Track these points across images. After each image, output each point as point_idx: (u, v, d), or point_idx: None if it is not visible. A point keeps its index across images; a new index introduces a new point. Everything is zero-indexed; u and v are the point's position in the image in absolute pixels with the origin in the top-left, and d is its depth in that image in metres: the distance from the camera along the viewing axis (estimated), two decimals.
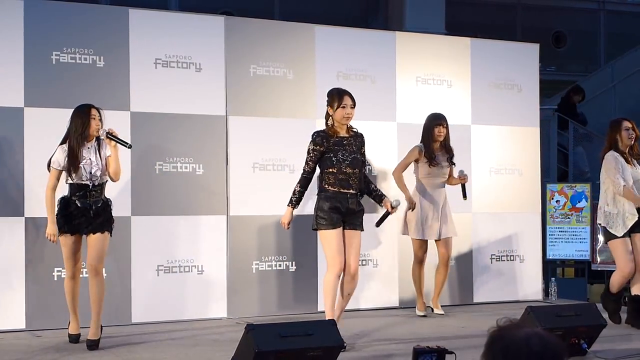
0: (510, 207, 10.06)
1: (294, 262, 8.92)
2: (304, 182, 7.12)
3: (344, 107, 6.98)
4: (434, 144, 8.67)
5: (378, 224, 7.34)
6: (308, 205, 8.92)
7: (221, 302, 8.61)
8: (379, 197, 7.25)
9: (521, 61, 10.27)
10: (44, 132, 7.88)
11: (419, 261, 8.80)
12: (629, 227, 7.98)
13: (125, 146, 7.10)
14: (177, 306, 8.41)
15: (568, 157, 14.94)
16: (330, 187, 6.97)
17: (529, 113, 10.27)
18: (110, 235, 7.12)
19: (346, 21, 12.64)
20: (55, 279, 7.89)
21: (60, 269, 7.86)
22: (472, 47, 10.03)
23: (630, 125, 8.09)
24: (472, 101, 9.91)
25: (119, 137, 7.03)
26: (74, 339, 7.20)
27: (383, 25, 18.01)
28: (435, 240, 8.74)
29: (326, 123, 7.11)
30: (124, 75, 8.29)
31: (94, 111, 7.02)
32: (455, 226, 8.87)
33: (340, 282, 7.02)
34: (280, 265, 8.87)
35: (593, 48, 21.72)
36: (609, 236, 8.13)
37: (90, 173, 6.95)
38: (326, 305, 6.94)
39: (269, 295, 8.81)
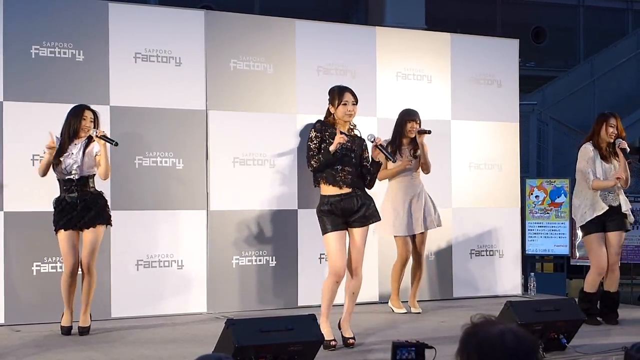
0: (489, 202, 10.09)
1: (274, 257, 8.92)
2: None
3: (345, 104, 6.86)
4: (404, 139, 8.63)
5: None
6: (288, 201, 8.93)
7: (201, 297, 8.60)
8: (372, 163, 6.94)
9: (501, 56, 10.30)
10: (24, 126, 7.86)
11: (403, 262, 8.66)
12: (593, 217, 7.95)
13: (112, 144, 7.25)
14: (157, 301, 8.40)
15: None
16: (326, 188, 6.82)
17: (509, 108, 10.30)
18: (110, 225, 7.42)
19: (326, 16, 12.61)
20: (34, 273, 7.87)
21: (39, 263, 7.85)
22: (452, 43, 10.05)
23: (615, 123, 8.07)
24: (452, 96, 9.93)
25: (107, 136, 7.24)
26: (66, 331, 7.25)
27: (363, 20, 18.04)
28: (412, 236, 8.66)
29: (327, 118, 6.98)
30: (104, 69, 8.26)
31: (86, 113, 7.31)
32: (440, 217, 8.79)
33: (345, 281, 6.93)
34: (260, 260, 8.86)
35: (572, 43, 21.80)
36: (583, 231, 8.14)
37: (68, 165, 7.17)
38: (321, 308, 6.84)
39: (249, 290, 8.81)
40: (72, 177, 7.19)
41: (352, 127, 6.99)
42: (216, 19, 8.87)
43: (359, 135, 7.02)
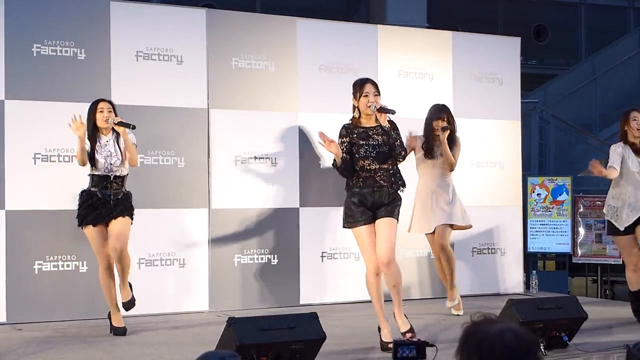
0: (491, 200, 10.09)
1: (275, 255, 8.92)
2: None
3: (366, 95, 6.73)
4: (433, 137, 8.41)
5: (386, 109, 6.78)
6: (290, 199, 8.93)
7: (203, 295, 8.60)
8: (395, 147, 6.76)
9: (503, 54, 10.29)
10: (25, 124, 7.86)
11: (437, 256, 8.45)
12: (632, 221, 7.82)
13: (129, 128, 7.16)
14: (159, 299, 8.39)
15: None
16: (355, 185, 6.68)
17: (510, 106, 10.30)
18: (132, 222, 7.31)
19: (328, 14, 12.63)
20: (36, 272, 7.87)
21: (41, 262, 7.86)
22: (453, 41, 10.04)
23: (637, 116, 7.98)
24: (454, 94, 9.92)
25: (123, 121, 7.15)
26: (121, 331, 7.23)
27: (365, 19, 18.02)
28: (429, 234, 8.42)
29: (353, 115, 6.86)
30: (105, 67, 8.26)
31: (100, 105, 7.22)
32: (469, 217, 8.56)
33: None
34: (262, 259, 8.86)
35: (574, 42, 21.78)
36: (613, 230, 8.00)
37: (111, 164, 7.14)
38: (374, 305, 6.72)
39: (250, 288, 8.81)
40: (113, 173, 7.14)
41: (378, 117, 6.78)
42: (218, 17, 8.87)
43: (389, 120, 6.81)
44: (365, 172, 6.64)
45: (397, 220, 6.74)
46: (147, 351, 6.55)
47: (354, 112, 6.86)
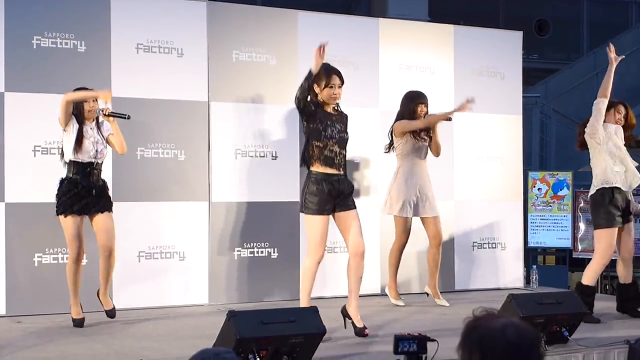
0: (492, 194, 10.08)
1: (276, 249, 8.91)
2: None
3: (331, 86, 6.71)
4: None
5: None
6: (290, 193, 8.91)
7: (203, 289, 8.59)
8: None
9: (504, 49, 10.28)
10: (25, 117, 7.84)
11: (401, 245, 8.55)
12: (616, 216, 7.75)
13: (124, 118, 7.20)
14: (159, 292, 8.39)
15: None
16: (317, 166, 6.66)
17: (512, 101, 10.28)
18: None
19: (329, 7, 12.58)
20: (36, 264, 7.86)
21: (40, 254, 7.84)
22: (455, 35, 10.02)
23: (624, 112, 7.98)
24: (455, 88, 9.90)
25: (115, 112, 7.18)
26: (79, 323, 7.20)
27: (366, 12, 18.01)
28: (424, 219, 8.54)
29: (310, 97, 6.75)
30: (105, 60, 8.24)
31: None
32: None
33: (348, 265, 6.82)
34: (262, 252, 8.85)
35: (575, 36, 21.77)
36: (604, 223, 7.78)
37: (97, 151, 7.14)
38: (303, 292, 6.76)
39: (250, 281, 8.80)
40: (97, 160, 7.15)
41: (335, 106, 6.85)
42: (218, 10, 8.84)
43: (342, 112, 6.92)
44: (328, 152, 6.65)
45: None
46: (147, 344, 6.54)
47: (313, 95, 6.74)
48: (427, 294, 8.87)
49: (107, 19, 8.27)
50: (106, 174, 7.82)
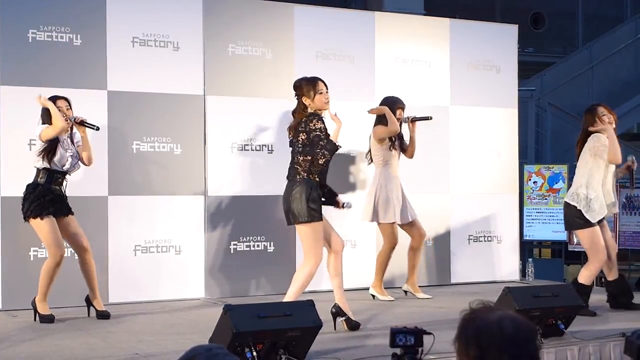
0: (487, 188, 10.08)
1: (272, 243, 8.91)
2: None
3: (321, 92, 6.79)
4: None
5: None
6: (285, 186, 8.90)
7: (199, 283, 8.59)
8: (332, 194, 7.04)
9: (500, 42, 10.28)
10: (20, 110, 7.82)
11: (393, 247, 8.53)
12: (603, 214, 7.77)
13: (93, 129, 7.24)
14: (155, 286, 8.39)
15: None
16: (314, 177, 6.79)
17: (507, 94, 10.29)
18: None
19: (325, 1, 12.56)
20: (32, 259, 7.85)
21: (36, 248, 7.83)
22: (451, 28, 10.02)
23: (605, 111, 7.91)
24: (451, 82, 9.90)
25: (87, 121, 7.20)
26: (50, 319, 7.17)
27: (362, 5, 17.98)
28: (410, 223, 8.57)
29: (300, 113, 6.85)
30: (101, 53, 8.22)
31: (59, 103, 7.21)
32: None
33: (334, 264, 6.96)
34: (258, 246, 8.85)
35: (571, 29, 21.76)
36: (583, 223, 7.76)
37: (72, 165, 7.21)
38: (295, 294, 6.81)
39: (247, 275, 8.80)
40: (66, 169, 7.19)
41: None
42: (214, 4, 8.83)
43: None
44: (324, 166, 6.79)
45: None
46: (143, 338, 6.54)
47: (302, 109, 6.84)
48: (406, 292, 8.86)
49: (103, 13, 8.25)
50: (102, 168, 7.82)
